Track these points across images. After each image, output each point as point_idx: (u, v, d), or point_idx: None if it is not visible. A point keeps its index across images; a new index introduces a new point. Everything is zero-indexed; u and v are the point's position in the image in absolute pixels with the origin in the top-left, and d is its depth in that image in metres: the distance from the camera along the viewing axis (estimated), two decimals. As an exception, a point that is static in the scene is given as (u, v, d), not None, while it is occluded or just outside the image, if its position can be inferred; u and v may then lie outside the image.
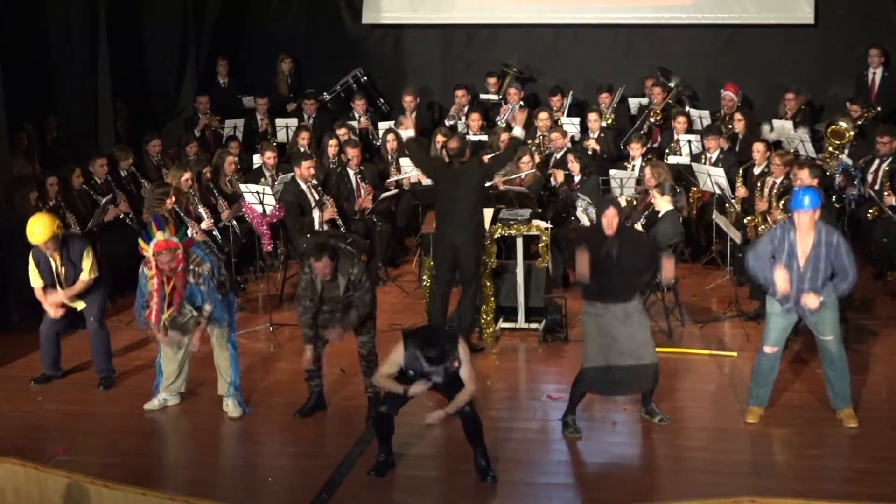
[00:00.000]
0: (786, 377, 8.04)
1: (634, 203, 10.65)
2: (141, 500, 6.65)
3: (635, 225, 9.54)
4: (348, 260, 7.45)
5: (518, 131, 12.12)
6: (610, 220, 7.31)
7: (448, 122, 12.80)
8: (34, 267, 8.17)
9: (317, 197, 10.64)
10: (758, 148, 10.91)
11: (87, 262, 8.16)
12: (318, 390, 7.83)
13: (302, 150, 11.75)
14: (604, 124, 12.41)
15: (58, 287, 8.18)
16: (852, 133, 11.33)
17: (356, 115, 13.14)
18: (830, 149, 11.38)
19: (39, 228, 7.96)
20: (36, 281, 8.20)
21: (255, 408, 7.92)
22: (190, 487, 6.78)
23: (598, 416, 7.71)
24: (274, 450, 7.42)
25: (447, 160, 9.06)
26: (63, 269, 8.15)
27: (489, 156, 11.57)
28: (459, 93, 13.23)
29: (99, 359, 8.45)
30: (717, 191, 10.72)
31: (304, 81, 14.42)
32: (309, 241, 10.01)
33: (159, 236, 7.42)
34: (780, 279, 7.13)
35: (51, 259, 8.12)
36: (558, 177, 11.28)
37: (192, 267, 7.54)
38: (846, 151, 11.33)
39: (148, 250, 7.45)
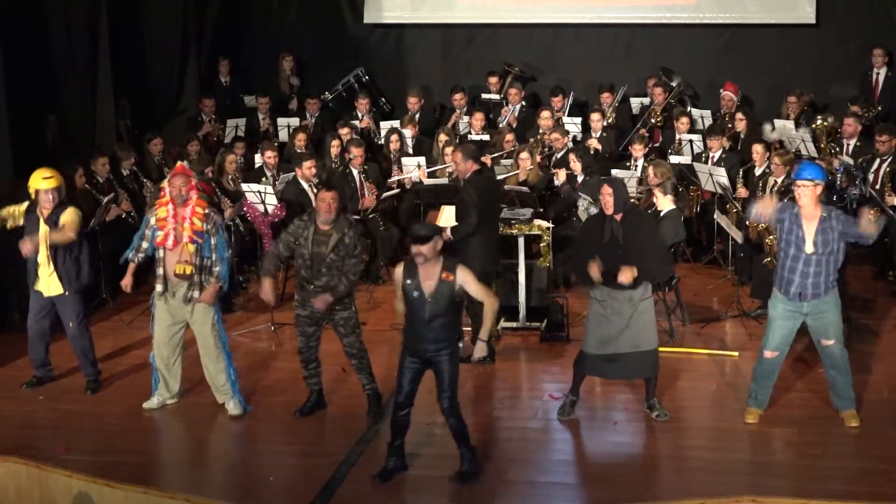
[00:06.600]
0: (787, 377, 8.03)
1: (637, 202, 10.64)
2: (142, 498, 6.65)
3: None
4: (348, 222, 7.46)
5: None
6: (605, 198, 7.14)
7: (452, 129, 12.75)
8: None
9: (319, 196, 10.62)
10: (756, 149, 10.92)
11: (65, 217, 7.98)
12: (318, 389, 7.83)
13: (299, 151, 11.74)
14: (605, 123, 12.41)
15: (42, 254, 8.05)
16: (837, 125, 11.34)
17: (358, 115, 13.14)
18: (825, 147, 11.36)
19: (47, 173, 8.00)
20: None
21: (255, 407, 7.91)
22: (190, 486, 6.78)
23: (599, 415, 7.72)
24: (275, 449, 7.41)
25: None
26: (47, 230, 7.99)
27: (492, 156, 11.63)
28: (457, 96, 13.21)
29: (83, 363, 8.37)
30: (719, 190, 10.72)
31: (305, 80, 14.43)
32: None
33: (180, 164, 7.77)
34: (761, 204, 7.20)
35: (39, 216, 8.00)
36: (561, 176, 11.27)
37: (207, 211, 7.58)
38: (850, 150, 11.31)
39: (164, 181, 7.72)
